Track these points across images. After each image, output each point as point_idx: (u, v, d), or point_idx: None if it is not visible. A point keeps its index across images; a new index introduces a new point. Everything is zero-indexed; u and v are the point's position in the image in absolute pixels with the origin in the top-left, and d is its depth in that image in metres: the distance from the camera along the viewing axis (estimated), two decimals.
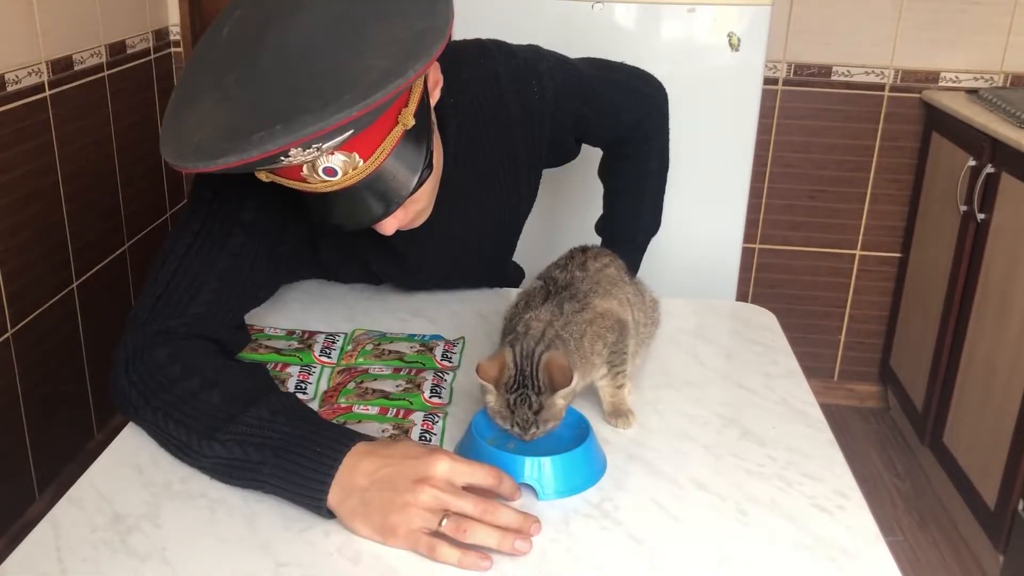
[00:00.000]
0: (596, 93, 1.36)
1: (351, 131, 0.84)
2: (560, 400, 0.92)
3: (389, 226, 1.02)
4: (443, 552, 0.80)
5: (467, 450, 0.92)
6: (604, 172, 1.55)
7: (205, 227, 1.04)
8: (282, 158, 0.83)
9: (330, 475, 0.84)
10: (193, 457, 0.91)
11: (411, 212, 1.06)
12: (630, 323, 1.03)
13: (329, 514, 0.85)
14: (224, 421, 0.89)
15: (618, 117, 1.42)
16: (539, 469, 0.89)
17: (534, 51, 1.27)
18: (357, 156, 0.89)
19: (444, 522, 0.81)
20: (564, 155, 1.41)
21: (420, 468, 0.83)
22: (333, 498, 0.84)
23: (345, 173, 0.90)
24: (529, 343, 0.93)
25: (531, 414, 0.90)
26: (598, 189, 1.60)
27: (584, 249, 1.10)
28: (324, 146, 0.84)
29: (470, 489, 0.84)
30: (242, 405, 0.91)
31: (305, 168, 0.88)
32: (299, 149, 0.82)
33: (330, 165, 0.89)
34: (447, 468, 0.83)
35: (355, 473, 0.84)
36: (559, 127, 1.30)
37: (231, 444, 0.88)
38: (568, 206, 2.01)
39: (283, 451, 0.86)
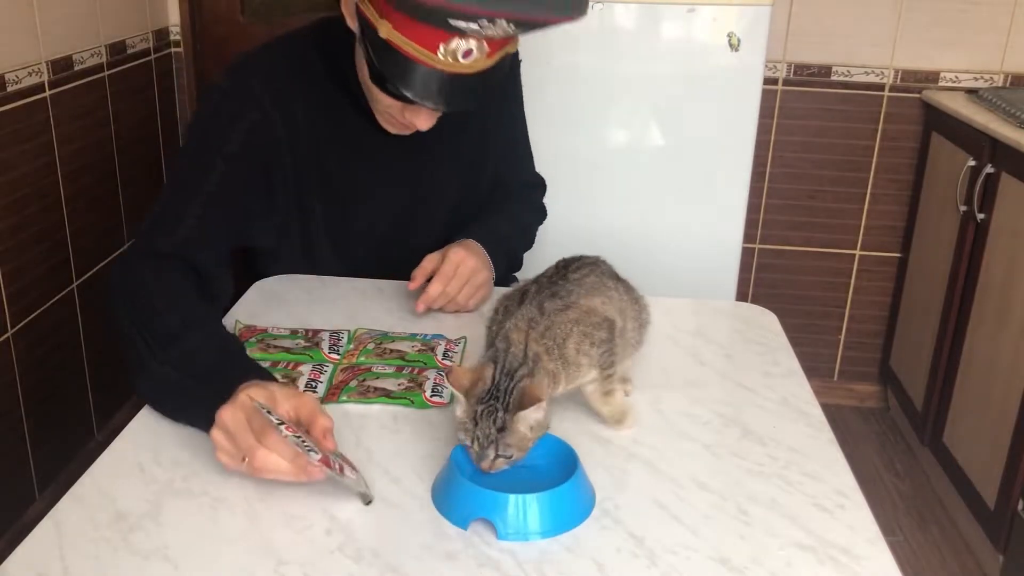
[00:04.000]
0: (526, 133, 1.53)
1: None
2: (526, 428, 0.87)
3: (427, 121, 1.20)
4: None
5: (445, 484, 0.88)
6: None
7: (193, 159, 1.19)
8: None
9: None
10: (146, 372, 1.01)
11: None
12: (617, 322, 1.01)
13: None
14: (169, 343, 1.00)
15: (523, 162, 1.54)
16: (523, 507, 0.82)
17: None
18: (486, 45, 1.08)
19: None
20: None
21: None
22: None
23: (476, 59, 1.09)
24: (513, 362, 0.90)
25: (494, 430, 0.86)
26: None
27: (567, 262, 1.05)
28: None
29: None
30: (185, 329, 1.02)
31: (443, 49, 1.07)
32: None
33: (470, 48, 1.07)
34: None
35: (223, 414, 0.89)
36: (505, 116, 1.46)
37: (167, 368, 0.99)
38: (569, 212, 2.01)
39: (201, 382, 0.96)
